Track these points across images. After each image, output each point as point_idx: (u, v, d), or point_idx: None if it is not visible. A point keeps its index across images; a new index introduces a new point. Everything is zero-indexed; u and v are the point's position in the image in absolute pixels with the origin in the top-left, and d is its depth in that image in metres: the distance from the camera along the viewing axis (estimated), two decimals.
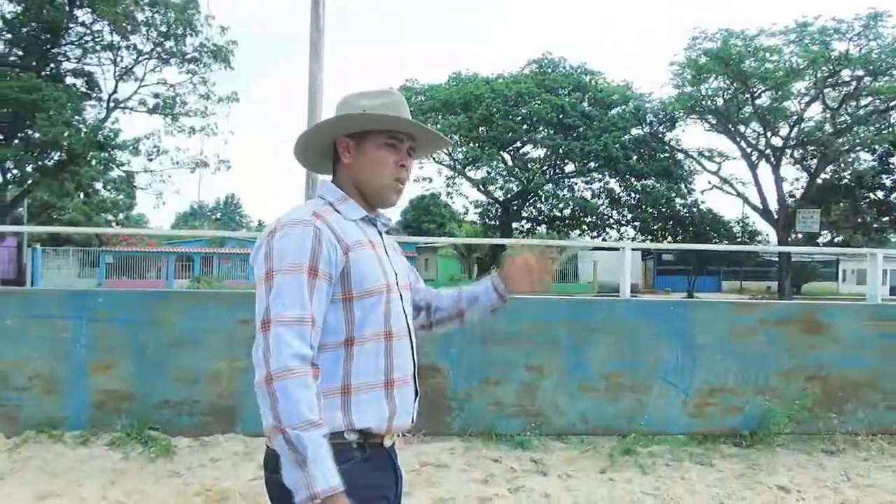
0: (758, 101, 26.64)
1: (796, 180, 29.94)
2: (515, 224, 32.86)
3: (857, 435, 5.09)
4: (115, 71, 24.44)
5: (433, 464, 4.43)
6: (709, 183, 30.45)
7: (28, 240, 27.71)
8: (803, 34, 24.75)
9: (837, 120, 26.70)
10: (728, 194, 30.23)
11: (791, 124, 27.71)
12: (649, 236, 31.23)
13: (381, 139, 1.64)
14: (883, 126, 25.95)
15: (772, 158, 27.90)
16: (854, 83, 25.72)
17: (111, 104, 24.67)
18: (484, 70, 32.65)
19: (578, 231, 32.30)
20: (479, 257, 35.62)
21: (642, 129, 30.38)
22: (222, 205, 77.10)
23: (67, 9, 22.63)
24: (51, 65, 24.01)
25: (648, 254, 41.07)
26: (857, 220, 28.86)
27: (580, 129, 29.13)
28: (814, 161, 28.13)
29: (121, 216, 41.49)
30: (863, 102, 26.63)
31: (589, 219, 31.82)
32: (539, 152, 31.96)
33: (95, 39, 24.17)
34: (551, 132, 29.62)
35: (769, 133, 27.86)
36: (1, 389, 4.58)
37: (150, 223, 62.81)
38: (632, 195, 31.32)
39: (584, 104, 30.16)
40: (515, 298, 5.43)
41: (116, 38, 23.93)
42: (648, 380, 5.02)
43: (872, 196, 29.10)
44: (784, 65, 25.22)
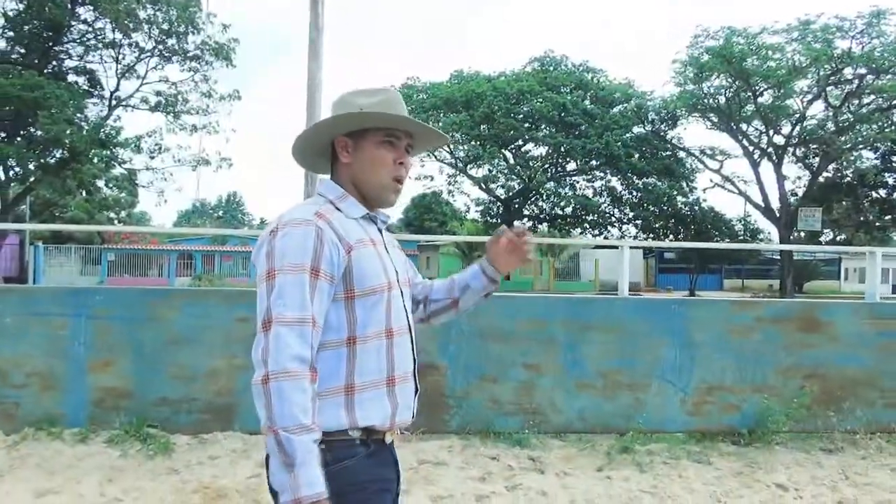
0: (760, 99, 26.60)
1: (798, 178, 29.94)
2: (517, 222, 32.83)
3: (856, 433, 5.08)
4: (117, 69, 24.46)
5: (431, 461, 4.44)
6: (710, 181, 30.54)
7: (30, 237, 27.78)
8: (806, 32, 24.70)
9: (840, 118, 26.65)
10: (730, 192, 30.23)
11: (793, 122, 27.67)
12: (651, 234, 31.22)
13: (379, 137, 1.63)
14: (885, 124, 25.89)
15: (774, 157, 27.86)
16: (856, 81, 25.67)
17: (113, 102, 24.69)
18: (485, 68, 32.60)
19: (580, 229, 32.30)
20: (481, 255, 35.55)
21: (644, 128, 30.36)
22: (224, 202, 77.22)
23: (69, 6, 22.63)
24: (53, 62, 24.03)
25: (650, 252, 41.01)
26: (860, 219, 28.83)
27: (582, 128, 29.12)
28: (816, 159, 28.10)
29: (123, 214, 41.52)
30: (865, 100, 26.60)
31: (590, 217, 31.83)
32: (540, 150, 31.98)
33: (97, 37, 24.18)
34: (553, 130, 29.61)
35: (771, 131, 27.83)
36: (0, 387, 4.60)
37: (152, 221, 62.89)
38: (633, 193, 31.32)
39: (586, 102, 30.16)
40: (512, 296, 5.41)
41: (118, 36, 23.93)
42: (646, 378, 5.02)
43: (875, 194, 29.07)
44: (786, 63, 25.19)
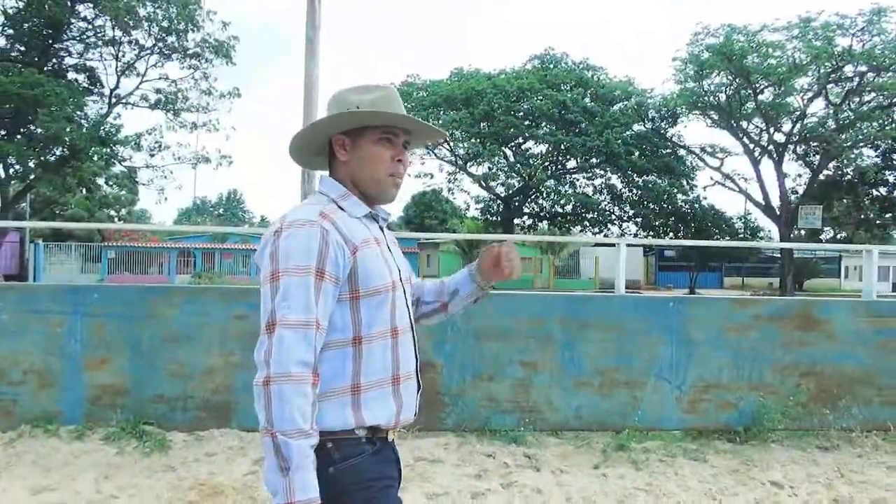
0: (760, 97, 26.56)
1: (799, 176, 29.91)
2: (517, 220, 32.87)
3: (852, 431, 5.09)
4: (117, 66, 24.44)
5: (427, 459, 4.45)
6: (711, 179, 30.57)
7: (30, 235, 27.80)
8: (806, 29, 24.66)
9: (840, 116, 26.61)
10: (730, 190, 30.21)
11: (794, 120, 27.63)
12: (651, 232, 31.20)
13: (377, 135, 1.63)
14: (886, 122, 25.86)
15: (774, 154, 27.83)
16: (857, 79, 25.64)
17: (113, 99, 24.68)
18: (485, 66, 32.56)
19: (580, 227, 32.28)
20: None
21: (644, 125, 30.33)
22: (224, 200, 77.20)
23: (69, 4, 22.61)
24: (53, 60, 24.02)
25: (650, 250, 41.01)
26: (860, 217, 28.83)
27: (582, 125, 29.09)
28: (816, 157, 28.07)
29: (123, 212, 41.57)
30: (866, 98, 26.55)
31: (590, 215, 31.80)
32: (540, 148, 31.95)
33: (97, 35, 24.16)
34: (553, 128, 29.58)
35: (772, 129, 27.79)
36: None
37: (153, 219, 62.91)
38: (633, 191, 31.30)
39: (586, 100, 30.12)
40: (510, 294, 5.41)
41: (118, 34, 23.90)
42: (643, 376, 5.02)
43: (875, 192, 29.03)
44: (787, 60, 25.14)
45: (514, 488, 4.07)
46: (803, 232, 28.17)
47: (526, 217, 33.35)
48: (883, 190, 29.02)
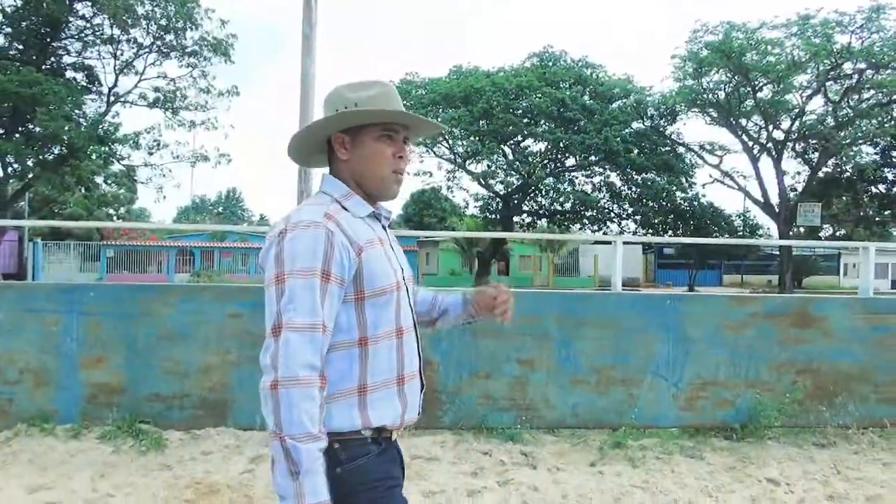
0: (759, 95, 26.54)
1: (798, 174, 29.87)
2: (516, 218, 32.83)
3: (848, 428, 5.09)
4: (115, 65, 24.42)
5: (423, 457, 4.45)
6: (710, 176, 30.49)
7: (29, 234, 27.78)
8: (805, 27, 24.64)
9: (839, 113, 26.59)
10: (729, 188, 30.19)
11: (793, 117, 27.62)
12: (650, 230, 31.18)
13: (377, 132, 1.62)
14: (885, 119, 25.84)
15: (773, 152, 27.81)
16: (856, 76, 25.62)
17: (111, 98, 24.65)
18: (484, 64, 32.56)
19: (579, 225, 32.26)
20: (480, 251, 35.61)
21: (643, 123, 30.28)
22: (224, 199, 77.16)
23: (67, 2, 22.57)
24: (51, 59, 23.99)
25: (650, 248, 41.03)
26: (859, 214, 28.81)
27: (581, 123, 29.05)
28: (815, 154, 28.04)
29: (122, 210, 41.53)
30: (865, 95, 26.52)
31: (590, 213, 31.77)
32: (540, 146, 31.89)
33: (95, 33, 24.13)
34: (552, 126, 29.54)
35: (771, 126, 27.76)
36: None
37: (152, 217, 62.86)
38: (632, 189, 31.26)
39: (585, 98, 30.07)
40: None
41: (116, 32, 23.88)
42: (639, 373, 5.02)
43: (874, 189, 29.02)
44: (786, 58, 25.12)
45: (511, 486, 4.08)
46: (802, 229, 28.16)
47: (525, 215, 33.32)
48: (882, 187, 29.00)
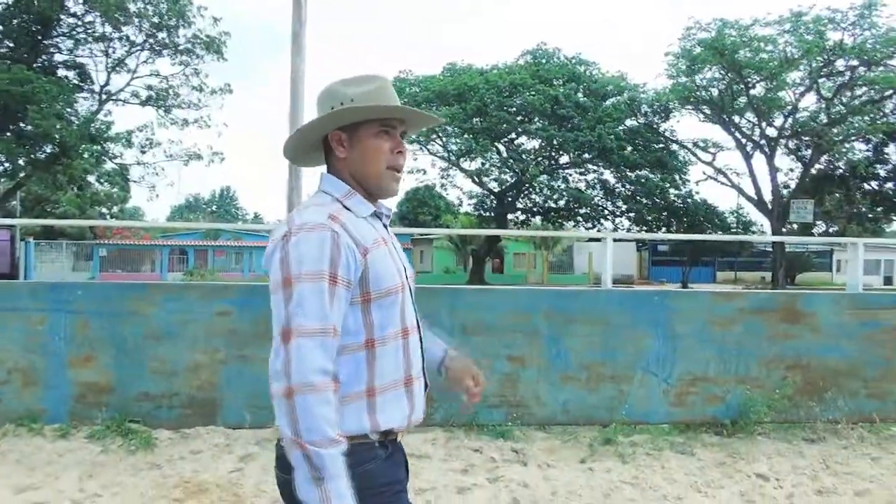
0: (752, 92, 26.62)
1: (791, 170, 30.02)
2: (510, 215, 32.89)
3: (838, 423, 5.10)
4: (108, 62, 24.37)
5: (414, 454, 4.44)
6: (703, 174, 30.55)
7: (21, 233, 27.63)
8: (798, 24, 24.73)
9: (832, 110, 26.69)
10: (722, 185, 30.31)
11: (786, 114, 27.72)
12: (644, 227, 31.26)
13: (375, 128, 1.59)
14: (877, 116, 25.96)
15: (766, 149, 27.92)
16: (848, 73, 25.73)
17: (103, 96, 24.59)
18: (478, 62, 32.56)
19: (573, 222, 32.32)
20: (475, 249, 35.62)
21: (637, 120, 30.36)
22: (217, 197, 76.99)
23: (59, 0, 22.49)
24: (42, 57, 23.91)
25: (644, 245, 41.11)
26: (852, 211, 28.93)
27: (574, 120, 29.09)
28: (808, 151, 28.16)
29: (115, 209, 41.34)
30: (857, 92, 26.64)
31: (583, 210, 31.83)
32: (533, 143, 31.95)
33: (87, 31, 24.06)
34: (545, 123, 29.58)
35: (764, 123, 27.86)
36: None
37: (145, 216, 62.67)
38: (626, 186, 31.34)
39: (579, 95, 30.12)
40: (497, 289, 5.38)
41: (108, 30, 23.83)
42: (630, 370, 5.02)
43: (866, 186, 29.14)
44: (778, 55, 25.21)
45: (501, 483, 4.08)
46: (795, 226, 28.26)
47: (519, 213, 33.37)
48: (874, 183, 29.15)
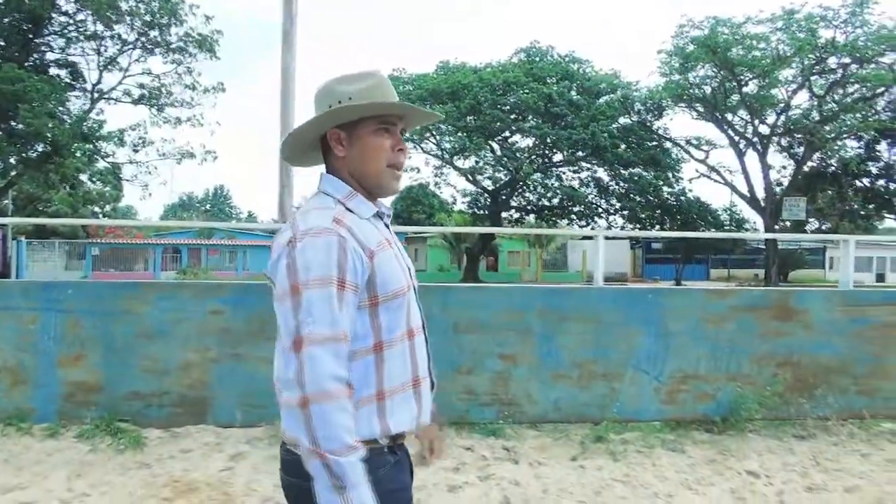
0: (745, 89, 26.68)
1: (783, 168, 30.12)
2: (504, 213, 32.88)
3: (828, 420, 5.11)
4: (99, 61, 24.24)
5: None
6: (696, 171, 30.63)
7: (13, 232, 27.49)
8: (790, 21, 24.79)
9: (824, 107, 26.78)
10: (716, 183, 30.38)
11: (778, 112, 27.80)
12: (637, 225, 31.32)
13: (374, 126, 1.56)
14: (869, 113, 26.04)
15: (759, 146, 28.00)
16: (840, 70, 25.81)
17: (95, 95, 24.46)
18: (472, 60, 32.55)
19: (567, 220, 32.35)
20: (469, 247, 35.62)
21: (630, 118, 30.40)
22: (211, 196, 76.79)
23: None
24: (34, 55, 23.76)
25: (637, 243, 41.19)
26: (844, 208, 29.05)
27: (568, 118, 29.12)
28: (800, 149, 28.25)
29: (107, 208, 41.16)
30: (849, 90, 26.73)
31: (577, 208, 31.86)
32: (527, 141, 31.96)
33: (79, 29, 23.92)
34: (539, 121, 29.59)
35: (756, 121, 27.94)
36: None
37: (139, 215, 62.45)
38: (620, 184, 31.38)
39: (572, 93, 30.13)
40: (489, 287, 5.37)
41: (100, 28, 23.70)
42: (621, 367, 5.02)
43: (858, 183, 29.26)
44: (771, 52, 25.27)
45: (492, 481, 4.07)
46: (788, 223, 28.35)
47: (513, 211, 33.37)
48: (866, 181, 29.28)
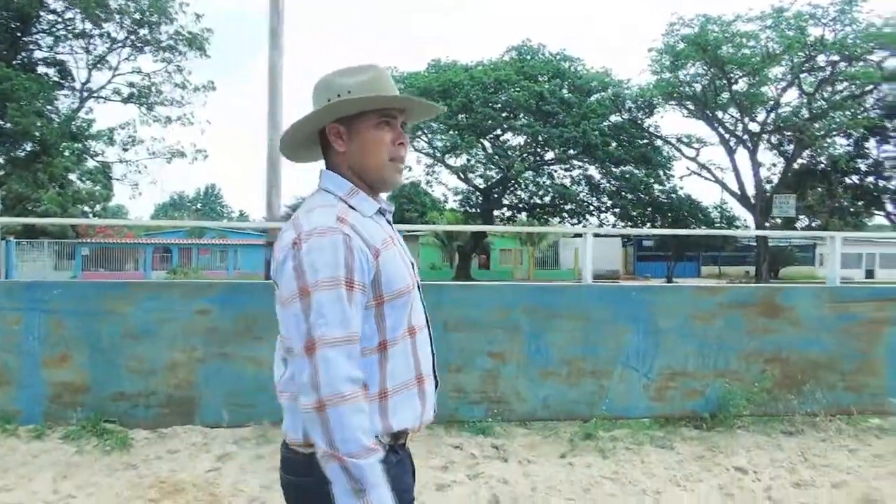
0: (735, 87, 26.78)
1: (773, 165, 30.26)
2: (496, 211, 32.90)
3: (816, 416, 5.13)
4: (88, 60, 24.12)
5: None
6: (687, 169, 30.75)
7: (1, 232, 27.29)
8: (779, 19, 24.89)
9: (813, 105, 26.92)
10: (706, 180, 30.49)
11: (768, 110, 27.92)
12: (629, 222, 31.40)
13: (375, 119, 1.53)
14: (858, 111, 26.19)
15: (749, 144, 28.11)
16: (829, 68, 25.94)
17: (84, 94, 24.34)
18: (463, 58, 32.55)
19: (559, 218, 32.39)
20: (461, 245, 35.61)
21: (621, 116, 30.45)
22: (202, 195, 76.48)
23: None
24: (21, 54, 23.59)
25: (629, 240, 41.29)
26: (833, 205, 29.21)
27: (559, 116, 29.14)
28: (790, 146, 28.40)
29: (97, 208, 40.92)
30: (838, 87, 26.87)
31: (569, 206, 31.90)
32: (518, 140, 31.98)
33: (67, 27, 23.78)
34: (530, 119, 29.60)
35: (746, 119, 28.05)
36: None
37: (129, 215, 62.14)
38: (611, 182, 31.45)
39: (564, 91, 30.15)
40: (478, 285, 5.35)
41: (89, 26, 23.56)
42: (610, 365, 5.03)
43: (847, 180, 29.43)
44: (761, 50, 25.37)
45: (481, 479, 4.06)
46: (778, 220, 28.49)
47: (505, 209, 33.39)
48: (855, 178, 29.45)
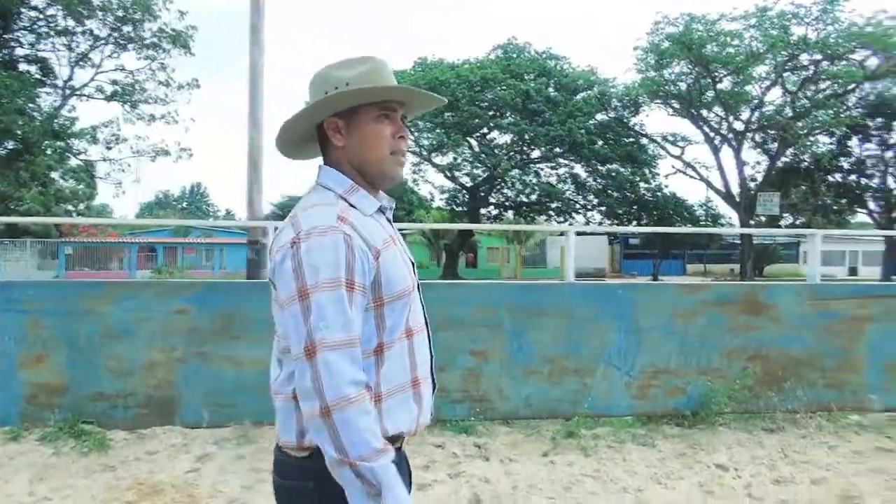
0: (720, 86, 26.95)
1: (757, 164, 30.48)
2: (483, 210, 32.92)
3: (797, 413, 5.16)
4: (71, 57, 23.85)
5: None
6: (672, 167, 30.86)
7: None
8: (763, 19, 25.07)
9: (797, 104, 27.14)
10: (691, 178, 30.66)
11: (752, 108, 28.12)
12: (615, 220, 31.52)
13: (374, 112, 1.49)
14: (840, 109, 26.44)
15: (733, 142, 28.30)
16: (812, 67, 26.16)
17: (67, 91, 24.08)
18: (454, 55, 32.54)
19: (545, 216, 32.46)
20: (448, 244, 35.60)
21: (607, 114, 30.55)
22: (188, 194, 75.99)
23: None
24: (2, 51, 23.30)
25: (615, 238, 41.44)
26: (817, 203, 29.47)
27: (545, 115, 29.18)
28: (774, 144, 28.62)
29: (81, 206, 40.54)
30: (821, 86, 27.11)
31: (555, 204, 31.98)
32: (505, 138, 32.01)
33: (49, 24, 23.51)
34: (517, 118, 29.63)
35: (731, 117, 28.24)
36: None
37: (114, 213, 61.64)
38: (597, 180, 31.55)
39: (550, 89, 30.21)
40: (461, 283, 5.34)
41: (71, 23, 23.31)
42: (592, 363, 5.03)
43: (830, 178, 29.70)
44: (744, 49, 25.54)
45: (462, 478, 4.05)
46: (763, 218, 28.70)
47: (492, 207, 33.42)
48: (838, 176, 29.74)
